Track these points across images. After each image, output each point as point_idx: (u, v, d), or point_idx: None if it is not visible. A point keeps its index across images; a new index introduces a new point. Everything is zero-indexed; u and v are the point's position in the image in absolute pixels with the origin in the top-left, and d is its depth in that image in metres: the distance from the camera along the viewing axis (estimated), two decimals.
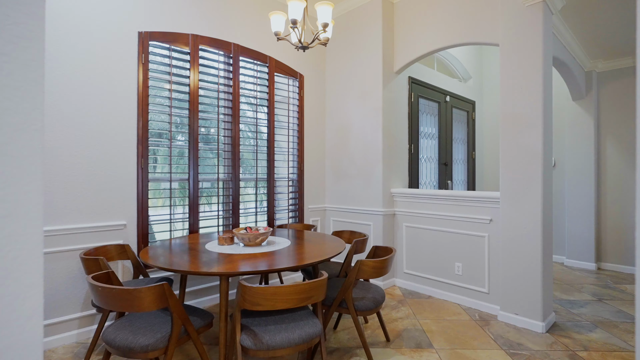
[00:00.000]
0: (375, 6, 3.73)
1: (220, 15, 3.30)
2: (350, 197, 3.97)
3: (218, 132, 3.27)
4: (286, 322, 1.83)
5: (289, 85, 3.95)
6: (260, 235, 2.43)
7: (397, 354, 2.36)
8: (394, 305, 3.23)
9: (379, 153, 3.68)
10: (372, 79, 3.75)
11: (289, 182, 3.93)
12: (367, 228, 3.79)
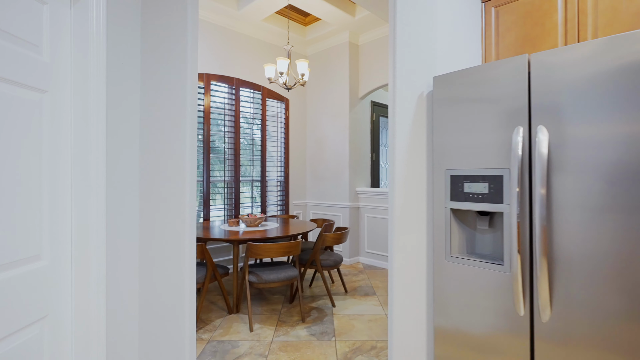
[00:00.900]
0: (344, 47, 4.88)
1: (226, 58, 4.40)
2: (325, 194, 5.11)
3: (224, 144, 4.36)
4: (277, 269, 2.96)
5: (277, 107, 5.07)
6: (258, 218, 3.54)
7: (351, 298, 3.51)
8: (356, 274, 4.39)
9: (347, 160, 4.83)
10: (341, 103, 4.90)
11: (277, 183, 5.04)
12: (337, 218, 4.94)
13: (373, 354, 2.41)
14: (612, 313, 1.10)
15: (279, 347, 2.52)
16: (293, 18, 4.78)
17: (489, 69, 1.36)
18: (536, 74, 1.25)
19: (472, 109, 1.41)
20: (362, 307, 3.29)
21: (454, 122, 1.46)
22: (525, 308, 1.26)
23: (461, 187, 1.43)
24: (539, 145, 1.21)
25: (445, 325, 1.49)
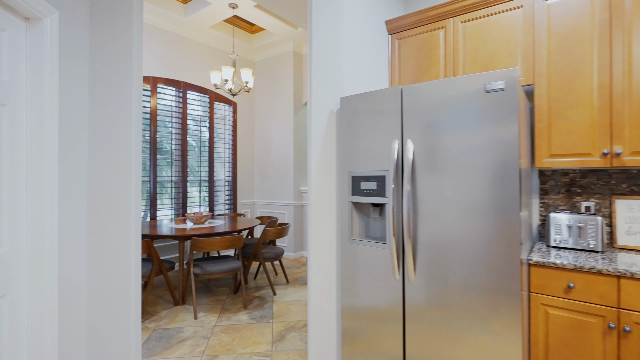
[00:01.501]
0: (288, 56, 5.23)
1: (174, 62, 4.54)
2: (272, 193, 5.43)
3: (172, 145, 4.50)
4: (221, 262, 3.23)
5: (225, 110, 5.28)
6: (204, 216, 3.77)
7: (292, 287, 3.87)
8: (299, 266, 4.75)
9: (291, 161, 5.18)
10: (287, 108, 5.24)
11: (225, 183, 5.26)
12: (283, 215, 5.28)
13: (304, 331, 2.78)
14: (454, 280, 1.56)
15: (221, 330, 2.80)
16: (240, 26, 5.03)
17: (377, 94, 1.78)
18: (406, 101, 1.69)
19: (366, 124, 1.83)
20: (301, 294, 3.66)
21: (354, 134, 1.87)
22: (399, 274, 1.70)
23: (359, 185, 1.84)
24: (407, 153, 1.65)
25: (349, 301, 1.89)
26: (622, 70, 1.68)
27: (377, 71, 2.33)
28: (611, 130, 1.71)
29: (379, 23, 2.38)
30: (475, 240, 1.51)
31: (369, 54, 2.24)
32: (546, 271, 1.64)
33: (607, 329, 1.50)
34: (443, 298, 1.59)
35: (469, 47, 2.12)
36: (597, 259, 1.62)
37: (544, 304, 1.64)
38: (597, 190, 2.00)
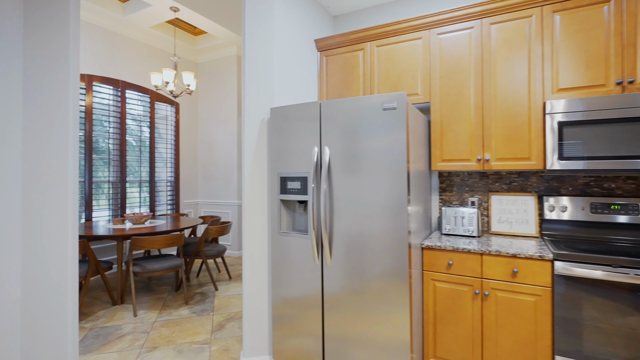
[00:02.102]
0: (232, 59, 5.37)
1: (112, 60, 4.46)
2: (216, 193, 5.52)
3: (109, 144, 4.43)
4: (161, 260, 3.32)
5: (167, 110, 5.27)
6: (144, 216, 3.80)
7: (234, 283, 4.05)
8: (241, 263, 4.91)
9: (235, 162, 5.33)
10: (231, 109, 5.38)
11: (168, 183, 5.25)
12: (227, 215, 5.40)
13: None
14: (363, 264, 1.90)
15: (162, 324, 2.92)
16: (183, 28, 5.06)
17: (301, 107, 2.08)
18: (324, 114, 2.00)
19: (292, 132, 2.11)
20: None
21: (282, 140, 2.15)
22: (319, 260, 2.01)
23: (286, 185, 2.13)
24: (324, 157, 1.96)
25: (279, 290, 2.16)
26: (490, 94, 2.16)
27: (308, 83, 2.64)
28: (483, 141, 2.18)
29: (309, 41, 2.68)
30: (378, 231, 1.87)
31: (300, 68, 2.54)
32: (434, 253, 2.05)
33: (474, 294, 1.94)
34: (354, 279, 1.93)
35: (383, 67, 2.51)
36: (472, 242, 2.07)
37: (432, 279, 2.06)
38: (480, 188, 2.49)
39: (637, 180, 2.07)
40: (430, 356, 2.07)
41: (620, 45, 1.86)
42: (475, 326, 1.94)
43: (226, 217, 5.42)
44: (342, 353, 1.97)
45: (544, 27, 2.03)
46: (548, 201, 2.21)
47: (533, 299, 1.81)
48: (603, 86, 1.89)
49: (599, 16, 1.91)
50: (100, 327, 2.86)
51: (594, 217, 2.09)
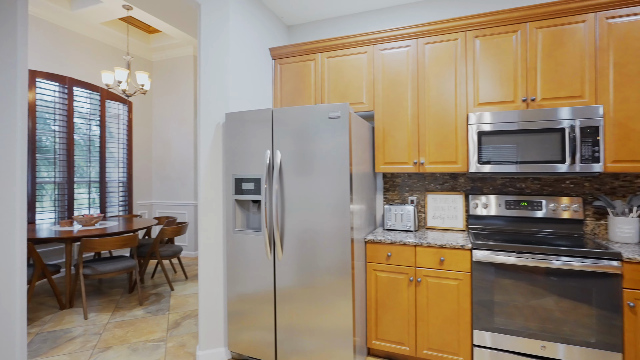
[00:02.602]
0: (188, 59, 5.34)
1: (58, 56, 4.27)
2: (172, 193, 5.46)
3: (55, 143, 4.24)
4: (114, 261, 3.28)
5: (119, 109, 5.12)
6: (94, 218, 3.71)
7: (191, 282, 4.07)
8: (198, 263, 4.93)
9: (192, 162, 5.31)
10: (187, 109, 5.34)
11: (120, 183, 5.11)
12: (183, 215, 5.36)
13: None
14: (312, 257, 2.09)
15: (115, 325, 2.91)
16: (137, 25, 4.96)
17: (255, 113, 2.23)
18: (276, 120, 2.17)
19: (246, 136, 2.26)
20: None
21: (237, 144, 2.28)
22: (271, 255, 2.18)
23: (241, 185, 2.26)
24: (276, 159, 2.13)
25: (234, 286, 2.30)
26: (424, 105, 2.45)
27: (263, 89, 2.78)
28: (419, 146, 2.47)
29: (264, 49, 2.83)
30: (325, 227, 2.07)
31: (255, 74, 2.68)
32: (375, 246, 2.30)
33: (409, 281, 2.21)
34: (304, 273, 2.12)
35: (332, 77, 2.73)
36: (409, 236, 2.34)
37: (374, 269, 2.31)
38: (418, 188, 2.79)
39: (541, 181, 2.47)
40: (373, 338, 2.31)
41: (525, 69, 2.22)
42: (410, 309, 2.21)
43: (182, 217, 5.38)
44: (293, 342, 2.15)
45: (467, 49, 2.35)
46: (473, 199, 2.55)
47: (456, 283, 2.11)
48: (512, 102, 2.25)
49: (509, 43, 2.26)
50: (47, 331, 2.80)
51: (508, 212, 2.46)
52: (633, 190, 2.27)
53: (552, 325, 1.91)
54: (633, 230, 2.10)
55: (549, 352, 1.91)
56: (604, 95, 2.07)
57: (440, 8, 2.78)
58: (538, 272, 1.94)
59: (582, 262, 1.86)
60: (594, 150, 2.01)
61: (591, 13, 2.10)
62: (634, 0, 2.00)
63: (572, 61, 2.13)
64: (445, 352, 2.13)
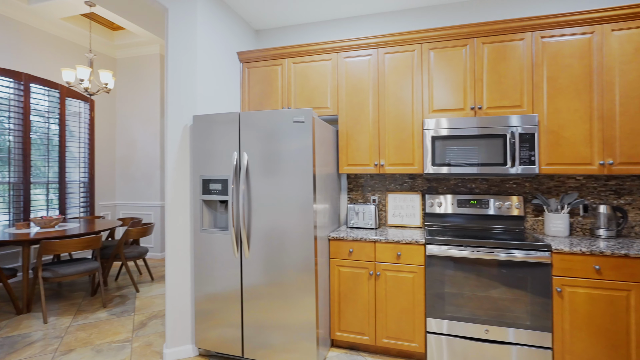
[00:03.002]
0: (155, 58, 5.26)
1: (13, 51, 4.08)
2: (137, 194, 5.34)
3: (9, 142, 4.05)
4: (76, 264, 3.21)
5: (81, 107, 4.95)
6: (54, 219, 3.60)
7: (157, 284, 4.03)
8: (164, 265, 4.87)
9: (158, 162, 5.23)
10: (154, 109, 5.26)
11: (81, 184, 4.94)
12: (149, 216, 5.27)
13: None
14: (275, 257, 2.19)
15: (77, 328, 2.86)
16: (100, 22, 4.82)
17: (222, 116, 2.30)
18: (242, 124, 2.26)
19: (214, 138, 2.32)
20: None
21: (204, 145, 2.34)
22: (238, 252, 2.26)
23: (208, 186, 2.32)
24: (243, 161, 2.21)
25: (201, 285, 2.35)
26: (384, 111, 2.62)
27: (230, 91, 2.85)
28: (379, 149, 2.64)
29: (232, 52, 2.89)
30: (290, 226, 2.18)
31: (223, 77, 2.74)
32: (338, 243, 2.44)
33: (369, 275, 2.37)
34: (270, 269, 2.21)
35: (298, 82, 2.84)
36: (370, 233, 2.50)
37: (337, 265, 2.44)
38: (380, 188, 2.97)
39: (489, 181, 2.71)
40: (336, 330, 2.45)
41: (473, 79, 2.45)
42: (370, 301, 2.37)
43: (148, 218, 5.28)
44: (259, 337, 2.24)
45: (423, 60, 2.55)
46: (429, 198, 2.75)
47: (412, 276, 2.29)
48: (462, 110, 2.47)
49: (459, 56, 2.48)
50: (3, 337, 2.70)
51: (460, 210, 2.68)
52: (565, 190, 2.56)
53: (495, 311, 2.13)
54: (563, 225, 2.38)
55: (492, 335, 2.13)
56: (539, 106, 2.33)
57: (399, 20, 2.97)
58: (482, 264, 2.16)
59: (519, 253, 2.09)
60: (531, 154, 2.26)
61: (529, 32, 2.35)
62: (563, 23, 2.27)
63: (513, 74, 2.38)
64: (402, 339, 2.31)
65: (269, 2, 2.85)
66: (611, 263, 1.95)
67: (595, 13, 2.21)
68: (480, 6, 2.78)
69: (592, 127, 2.24)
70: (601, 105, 2.22)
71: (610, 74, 2.20)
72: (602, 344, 1.96)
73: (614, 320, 1.95)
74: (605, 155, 2.21)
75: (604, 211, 2.35)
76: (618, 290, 1.94)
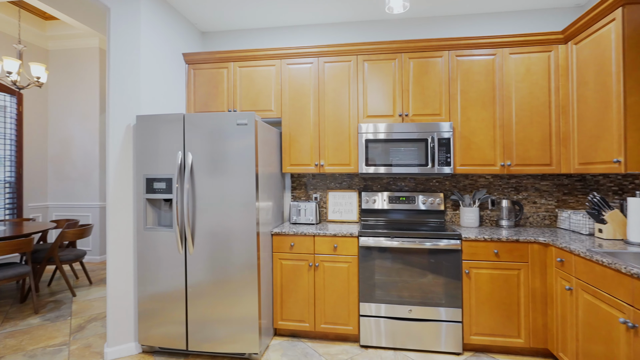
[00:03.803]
0: (94, 51, 5.02)
1: None
2: (73, 195, 5.05)
3: None
4: (3, 269, 3.02)
5: (6, 101, 4.57)
6: None
7: (96, 287, 3.89)
8: (104, 268, 4.68)
9: (97, 162, 4.99)
10: (92, 105, 5.01)
11: (6, 184, 4.56)
12: (87, 218, 5.01)
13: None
14: (219, 253, 2.31)
15: (5, 336, 2.71)
16: (30, 10, 4.50)
17: (167, 117, 2.36)
18: (187, 125, 2.34)
19: (158, 138, 2.37)
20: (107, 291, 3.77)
21: (148, 145, 2.38)
22: (183, 249, 2.34)
23: (152, 185, 2.37)
24: (187, 160, 2.30)
25: (144, 287, 2.38)
26: (324, 115, 2.85)
27: (176, 91, 2.89)
28: (320, 151, 2.86)
29: (178, 54, 2.94)
30: (234, 223, 2.31)
31: (168, 78, 2.78)
32: (280, 237, 2.61)
33: (309, 267, 2.57)
34: (215, 265, 2.32)
35: (244, 85, 2.97)
36: (311, 228, 2.70)
37: (280, 258, 2.62)
38: (321, 187, 3.19)
39: (416, 180, 3.06)
40: (279, 319, 2.62)
41: (401, 90, 2.76)
42: (310, 291, 2.57)
43: (86, 220, 5.02)
44: (204, 331, 2.33)
45: (359, 70, 2.82)
46: (365, 196, 3.03)
47: (347, 265, 2.53)
48: (392, 116, 2.77)
49: (389, 68, 2.78)
50: None
51: (390, 206, 2.99)
52: (477, 187, 2.98)
53: (417, 293, 2.44)
54: (474, 217, 2.78)
55: (414, 314, 2.44)
56: (454, 115, 2.70)
57: (338, 32, 3.22)
58: (406, 252, 2.46)
59: (435, 242, 2.42)
60: (447, 156, 2.62)
61: (446, 51, 2.72)
62: (473, 44, 2.67)
63: (434, 86, 2.73)
64: (338, 324, 2.54)
65: (212, 6, 2.94)
66: (506, 247, 2.35)
67: (497, 38, 2.63)
68: (409, 25, 3.12)
69: (496, 134, 2.65)
70: (502, 116, 2.64)
71: (508, 89, 2.64)
72: (500, 315, 2.36)
73: (508, 294, 2.35)
74: (505, 158, 2.64)
75: (505, 205, 2.79)
76: (511, 270, 2.35)
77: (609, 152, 2.13)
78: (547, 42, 2.59)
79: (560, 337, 2.16)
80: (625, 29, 2.00)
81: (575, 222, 2.54)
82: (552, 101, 2.59)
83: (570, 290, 2.03)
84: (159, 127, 2.37)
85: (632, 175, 2.37)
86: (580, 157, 2.42)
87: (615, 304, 1.65)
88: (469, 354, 2.42)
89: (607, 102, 2.14)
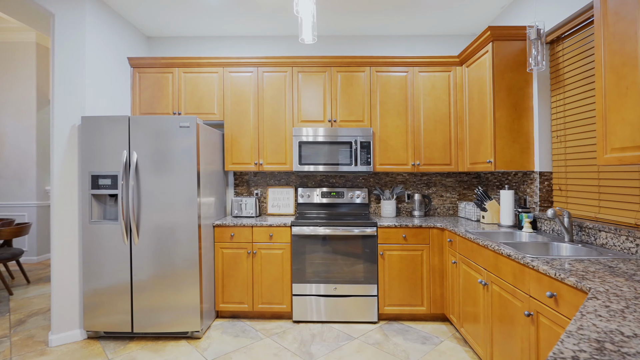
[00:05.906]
0: (30, 46, 4.88)
1: None
2: (6, 194, 4.86)
3: None
4: None
5: None
6: None
7: (34, 286, 3.86)
8: (44, 268, 4.60)
9: (34, 160, 4.86)
10: (28, 102, 4.86)
11: None
12: (22, 217, 4.86)
13: (49, 314, 3.09)
14: (164, 245, 2.55)
15: None
16: None
17: (112, 118, 2.55)
18: (132, 125, 2.55)
19: (104, 138, 2.55)
20: (46, 289, 3.77)
21: (94, 145, 2.55)
22: (128, 240, 2.55)
23: (97, 181, 2.55)
24: (132, 159, 2.51)
25: (90, 282, 2.55)
26: (263, 119, 3.18)
27: (121, 93, 3.05)
28: (259, 151, 3.19)
29: (123, 57, 3.09)
30: (178, 217, 2.56)
31: (114, 80, 2.93)
32: (222, 229, 2.90)
33: (247, 254, 2.89)
34: (159, 255, 2.55)
35: (189, 90, 3.20)
36: (250, 220, 3.02)
37: (221, 248, 2.90)
38: (262, 184, 3.52)
39: (345, 177, 3.50)
40: (220, 302, 2.90)
41: (330, 99, 3.18)
42: (248, 275, 2.89)
43: (21, 219, 4.86)
44: (149, 318, 2.56)
45: (293, 80, 3.19)
46: (301, 191, 3.41)
47: (281, 252, 2.89)
48: (322, 122, 3.18)
49: (320, 79, 3.18)
50: None
51: (324, 200, 3.40)
52: (396, 183, 3.49)
53: (341, 273, 2.87)
54: (392, 209, 3.27)
55: (339, 291, 2.86)
56: (374, 121, 3.17)
57: (275, 44, 3.57)
58: (332, 239, 2.88)
59: (357, 230, 2.87)
60: (368, 157, 3.08)
61: (368, 67, 3.18)
62: (390, 63, 3.15)
63: (358, 97, 3.18)
64: (274, 303, 2.89)
65: (157, 13, 3.14)
66: (412, 232, 2.86)
67: (409, 58, 3.14)
68: (339, 42, 3.55)
69: (408, 138, 3.17)
70: (413, 123, 3.16)
71: (418, 101, 3.16)
72: (407, 288, 2.86)
73: (414, 271, 2.86)
74: (415, 158, 3.16)
75: (417, 198, 3.32)
76: (416, 251, 2.86)
77: (485, 154, 2.71)
78: (448, 64, 3.16)
79: (450, 302, 2.70)
80: (495, 59, 2.58)
81: (469, 211, 3.13)
82: (451, 112, 3.16)
83: (455, 263, 2.57)
84: (105, 128, 2.55)
85: (506, 172, 2.99)
86: (470, 158, 3.00)
87: (477, 270, 2.18)
88: (383, 322, 2.90)
89: (484, 115, 2.72)
